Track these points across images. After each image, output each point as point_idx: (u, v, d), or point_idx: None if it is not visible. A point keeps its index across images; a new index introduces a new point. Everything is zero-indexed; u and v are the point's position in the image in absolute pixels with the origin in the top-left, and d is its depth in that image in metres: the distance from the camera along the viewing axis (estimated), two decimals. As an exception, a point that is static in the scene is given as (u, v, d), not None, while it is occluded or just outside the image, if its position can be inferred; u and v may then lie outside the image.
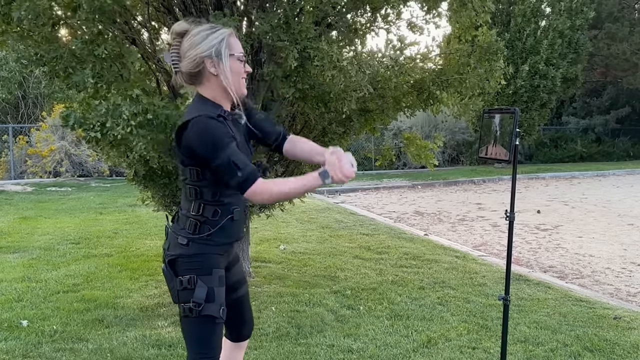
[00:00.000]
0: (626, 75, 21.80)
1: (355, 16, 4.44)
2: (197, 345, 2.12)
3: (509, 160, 2.90)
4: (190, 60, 2.01)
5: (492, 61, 4.58)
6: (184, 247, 2.08)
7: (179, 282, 2.08)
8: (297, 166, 4.91)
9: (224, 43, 2.02)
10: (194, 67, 2.02)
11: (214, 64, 2.01)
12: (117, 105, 3.47)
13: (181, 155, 2.04)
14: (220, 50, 2.01)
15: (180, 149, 2.02)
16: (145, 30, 4.56)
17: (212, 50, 2.00)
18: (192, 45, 2.00)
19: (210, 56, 2.00)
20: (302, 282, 5.10)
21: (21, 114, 16.78)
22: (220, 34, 2.03)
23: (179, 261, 2.09)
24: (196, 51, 2.00)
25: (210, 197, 2.07)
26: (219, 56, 2.00)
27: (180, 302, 2.10)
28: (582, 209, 10.39)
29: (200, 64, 2.01)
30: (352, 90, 4.01)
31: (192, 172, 2.04)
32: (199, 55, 2.00)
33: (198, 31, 2.02)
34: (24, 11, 3.44)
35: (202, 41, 2.00)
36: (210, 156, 1.95)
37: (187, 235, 2.08)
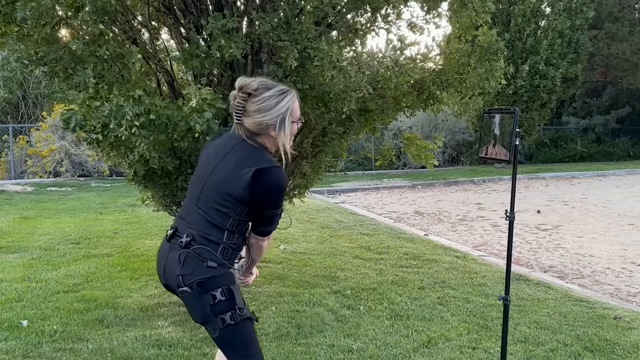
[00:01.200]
0: (626, 75, 21.80)
1: (356, 16, 4.44)
2: (245, 348, 2.21)
3: (509, 160, 2.90)
4: (255, 123, 2.15)
5: (493, 61, 4.58)
6: (215, 270, 2.16)
7: (210, 297, 2.14)
8: (297, 166, 4.92)
9: (288, 111, 2.17)
10: (258, 130, 2.16)
11: (276, 129, 2.16)
12: (120, 106, 3.47)
13: (247, 194, 2.12)
14: (285, 119, 2.16)
15: (254, 189, 2.11)
16: (145, 30, 4.56)
17: (277, 119, 2.15)
18: (260, 111, 2.13)
19: (275, 125, 2.15)
20: (302, 282, 5.10)
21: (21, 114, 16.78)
22: (287, 102, 2.16)
23: (208, 280, 2.15)
24: (263, 118, 2.14)
25: (244, 229, 2.25)
26: (283, 124, 2.16)
27: (216, 315, 2.14)
28: (582, 209, 10.39)
29: (265, 129, 2.16)
30: (352, 90, 4.01)
31: (242, 208, 2.16)
32: (266, 122, 2.14)
33: (268, 97, 2.14)
34: (29, 11, 3.44)
35: (270, 109, 2.14)
36: (274, 207, 2.20)
37: (219, 260, 2.17)
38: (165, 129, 3.61)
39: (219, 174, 2.18)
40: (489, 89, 4.71)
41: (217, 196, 2.16)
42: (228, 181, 2.14)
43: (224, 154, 2.20)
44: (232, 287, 2.18)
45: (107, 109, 3.46)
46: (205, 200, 2.19)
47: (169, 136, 3.67)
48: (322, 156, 4.90)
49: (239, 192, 2.12)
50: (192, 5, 4.28)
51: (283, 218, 2.35)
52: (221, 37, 3.71)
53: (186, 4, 4.29)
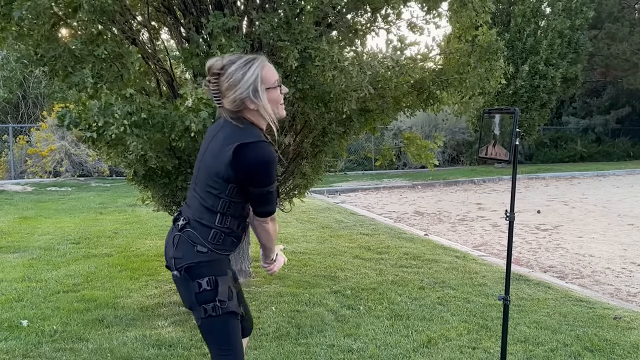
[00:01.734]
0: (626, 75, 21.81)
1: (356, 16, 4.44)
2: (222, 342, 2.19)
3: (509, 160, 2.90)
4: (231, 101, 2.11)
5: (492, 61, 4.58)
6: (204, 255, 2.14)
7: (197, 285, 2.13)
8: (297, 166, 4.91)
9: (258, 79, 2.10)
10: (236, 107, 2.12)
11: (253, 101, 2.10)
12: (109, 104, 3.47)
13: (231, 172, 2.08)
14: (257, 87, 2.09)
15: (235, 166, 2.07)
16: (145, 30, 4.56)
17: (249, 90, 2.09)
18: (230, 87, 2.09)
19: (249, 96, 2.09)
20: (302, 282, 5.10)
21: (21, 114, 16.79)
22: (254, 70, 2.10)
23: (196, 267, 2.14)
24: (235, 94, 2.09)
25: (240, 211, 2.19)
26: (256, 93, 2.10)
27: (200, 304, 2.13)
28: (582, 209, 10.39)
29: (241, 104, 2.11)
30: (352, 90, 4.01)
31: (232, 188, 2.12)
32: (239, 97, 2.09)
33: (233, 70, 2.09)
34: (25, 10, 3.44)
35: (239, 82, 2.08)
36: (261, 184, 2.11)
37: (209, 245, 2.15)
38: (162, 129, 3.61)
39: (208, 156, 2.16)
40: (489, 89, 4.71)
41: (207, 178, 2.15)
42: (215, 161, 2.12)
43: (214, 135, 2.19)
44: (219, 278, 2.14)
45: (96, 107, 3.46)
46: (200, 184, 2.18)
47: (166, 136, 3.66)
48: (322, 156, 4.90)
49: (223, 170, 2.09)
50: (191, 5, 4.28)
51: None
52: (221, 36, 3.71)
53: (186, 4, 4.29)
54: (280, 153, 4.78)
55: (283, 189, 5.13)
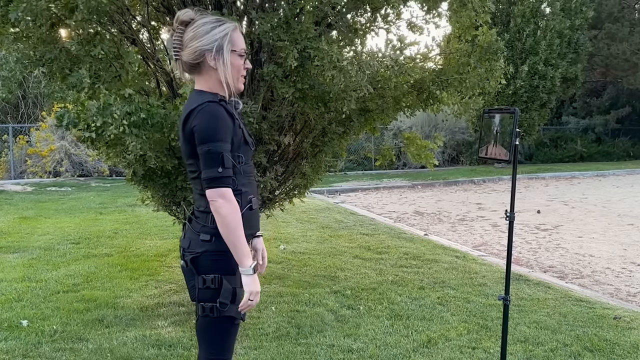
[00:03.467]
0: (626, 75, 21.80)
1: (355, 16, 4.44)
2: (213, 345, 2.10)
3: (509, 160, 2.90)
4: (191, 51, 2.02)
5: (492, 61, 4.58)
6: (207, 244, 2.02)
7: (201, 280, 2.03)
8: (297, 166, 4.91)
9: (226, 38, 2.02)
10: (194, 58, 2.02)
11: (214, 58, 2.01)
12: (108, 104, 3.47)
13: (187, 146, 2.01)
14: (222, 45, 2.01)
15: (185, 137, 2.00)
16: (145, 30, 4.56)
17: (214, 44, 2.01)
18: (195, 37, 2.01)
19: (211, 50, 2.01)
20: (302, 282, 5.10)
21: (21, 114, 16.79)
22: (224, 29, 2.03)
23: (201, 258, 2.03)
24: (198, 43, 2.00)
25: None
26: (220, 51, 2.01)
27: (201, 301, 2.05)
28: (582, 209, 10.38)
29: (200, 56, 2.02)
30: (352, 90, 4.01)
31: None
32: (200, 48, 2.00)
33: (202, 23, 2.02)
34: (21, 12, 3.44)
35: (205, 34, 2.01)
36: (206, 140, 1.94)
37: (210, 231, 2.02)
38: (161, 128, 3.61)
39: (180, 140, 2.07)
40: (488, 89, 4.71)
41: (188, 165, 2.08)
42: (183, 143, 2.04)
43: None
44: (225, 277, 2.01)
45: (95, 107, 3.46)
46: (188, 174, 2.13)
47: (166, 135, 3.66)
48: (322, 156, 4.90)
49: (186, 147, 2.01)
50: (191, 4, 4.28)
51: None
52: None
53: (185, 4, 4.29)
54: (280, 153, 4.78)
55: (283, 189, 5.13)
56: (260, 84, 4.32)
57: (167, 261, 5.78)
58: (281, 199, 5.21)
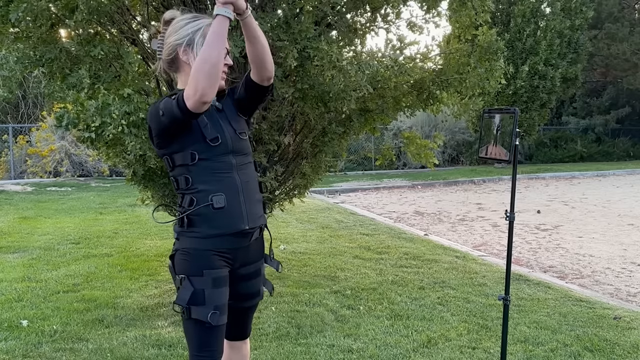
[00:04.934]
0: (626, 75, 21.81)
1: (355, 16, 4.44)
2: (192, 346, 2.05)
3: (509, 160, 2.90)
4: (168, 48, 2.03)
5: (492, 61, 4.58)
6: (177, 242, 2.06)
7: (178, 280, 2.04)
8: (297, 166, 4.91)
9: (199, 33, 2.01)
10: (168, 54, 2.03)
11: (184, 51, 2.01)
12: (106, 104, 3.47)
13: (154, 146, 2.04)
14: (194, 39, 2.01)
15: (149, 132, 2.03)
16: (145, 30, 4.56)
17: (185, 39, 2.00)
18: (171, 33, 2.03)
19: (182, 44, 2.00)
20: (302, 282, 5.10)
21: (21, 114, 16.79)
22: (198, 24, 2.02)
23: (175, 257, 2.06)
24: (171, 39, 2.02)
25: (185, 185, 2.01)
26: (191, 45, 2.00)
27: (175, 301, 2.03)
28: (582, 209, 10.38)
29: (173, 51, 2.02)
30: (351, 90, 4.01)
31: (167, 161, 2.03)
32: (173, 43, 2.01)
33: (179, 19, 2.03)
34: (21, 12, 3.44)
35: (179, 29, 2.01)
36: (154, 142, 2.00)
37: (177, 229, 2.05)
38: None
39: None
40: (488, 89, 4.71)
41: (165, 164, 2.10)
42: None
43: None
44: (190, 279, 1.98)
45: (93, 107, 3.46)
46: None
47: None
48: (322, 156, 4.90)
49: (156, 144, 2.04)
50: (191, 4, 4.28)
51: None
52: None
53: (185, 4, 4.29)
54: (280, 153, 4.78)
55: (283, 189, 5.13)
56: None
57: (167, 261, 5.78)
58: (281, 199, 5.21)
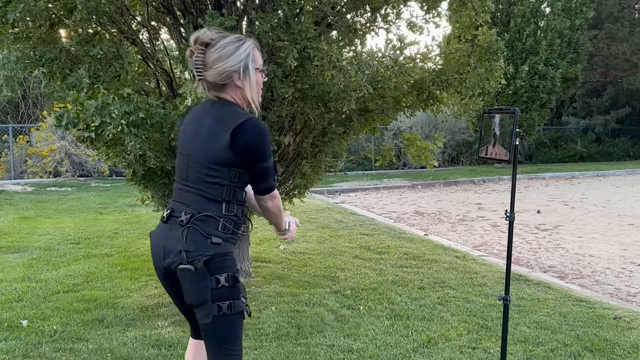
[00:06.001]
0: (626, 75, 21.81)
1: (355, 16, 4.44)
2: (231, 341, 2.13)
3: (509, 160, 2.90)
4: (218, 73, 2.09)
5: (492, 61, 4.58)
6: (218, 247, 2.08)
7: (214, 280, 2.06)
8: (297, 166, 4.91)
9: (250, 57, 2.12)
10: (221, 79, 2.10)
11: (240, 77, 2.11)
12: (106, 104, 3.47)
13: (232, 155, 2.06)
14: (248, 65, 2.11)
15: (235, 148, 2.05)
16: (144, 30, 4.56)
17: (240, 65, 2.10)
18: (221, 59, 2.08)
19: (238, 71, 2.10)
20: (302, 282, 5.10)
21: (21, 114, 16.79)
22: (247, 48, 2.12)
23: (214, 260, 2.07)
24: (225, 65, 2.08)
25: (241, 197, 2.17)
26: (247, 71, 2.11)
27: (215, 301, 2.07)
28: (582, 209, 10.38)
29: (228, 77, 2.10)
30: (351, 90, 4.01)
31: (234, 173, 2.10)
32: (228, 69, 2.08)
33: (225, 44, 2.09)
34: (19, 12, 3.44)
35: (230, 55, 2.09)
36: (264, 158, 2.11)
37: (223, 235, 2.10)
38: (161, 128, 3.61)
39: (200, 145, 2.12)
40: (488, 89, 4.71)
41: (205, 168, 2.10)
42: (211, 149, 2.09)
43: (199, 124, 2.15)
44: (237, 275, 2.11)
45: (93, 106, 3.46)
46: (195, 177, 2.13)
47: (165, 135, 3.66)
48: (322, 156, 4.90)
49: (223, 155, 2.06)
50: (191, 4, 4.28)
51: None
52: (220, 36, 3.71)
53: (185, 4, 4.29)
54: (280, 153, 4.78)
55: (283, 189, 5.12)
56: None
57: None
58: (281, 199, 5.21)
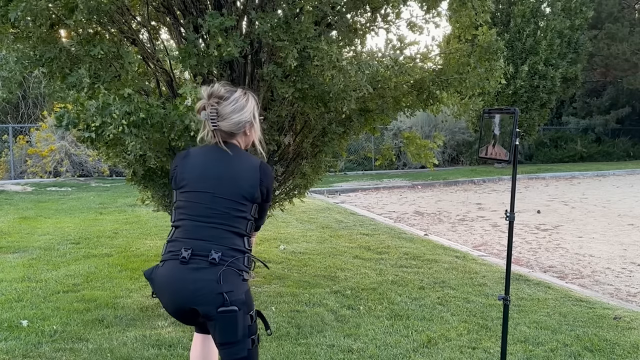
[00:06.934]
0: (626, 75, 21.80)
1: (355, 16, 4.44)
2: None
3: (509, 160, 2.90)
4: (234, 124, 2.27)
5: (492, 61, 4.58)
6: (246, 283, 2.21)
7: (249, 318, 2.19)
8: (297, 166, 4.91)
9: (256, 108, 2.34)
10: (236, 129, 2.28)
11: (250, 127, 2.34)
12: (107, 104, 3.46)
13: (258, 192, 2.26)
14: (255, 114, 2.34)
15: (262, 184, 2.28)
16: (145, 30, 4.56)
17: (250, 115, 2.31)
18: (236, 111, 2.27)
19: (250, 121, 2.31)
20: (302, 282, 5.10)
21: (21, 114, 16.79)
22: (252, 101, 2.33)
23: (246, 297, 2.19)
24: (241, 117, 2.28)
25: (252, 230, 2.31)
26: (255, 119, 2.34)
27: (249, 335, 2.20)
28: (582, 209, 10.38)
29: (241, 127, 2.29)
30: (351, 90, 4.01)
31: (255, 208, 2.27)
32: (243, 120, 2.28)
33: (237, 98, 2.29)
34: (20, 12, 3.44)
35: (244, 108, 2.29)
36: (271, 197, 2.36)
37: (247, 270, 2.22)
38: (161, 128, 3.61)
39: (228, 182, 2.23)
40: (488, 89, 4.71)
41: (233, 204, 2.21)
42: (240, 185, 2.23)
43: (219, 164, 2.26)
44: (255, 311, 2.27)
45: (94, 107, 3.46)
46: (222, 212, 2.19)
47: (166, 135, 3.66)
48: (322, 156, 4.90)
49: (252, 192, 2.23)
50: (191, 4, 4.28)
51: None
52: (219, 35, 3.71)
53: (185, 4, 4.29)
54: (280, 153, 4.78)
55: (283, 189, 5.13)
56: (260, 84, 4.32)
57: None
58: (281, 199, 5.21)
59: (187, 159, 2.32)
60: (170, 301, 2.20)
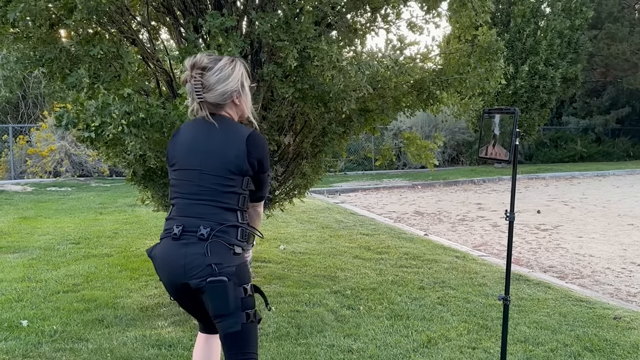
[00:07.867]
0: (626, 75, 21.81)
1: (355, 16, 4.44)
2: (252, 347, 2.22)
3: (509, 160, 2.90)
4: (220, 94, 2.21)
5: (492, 61, 4.58)
6: (239, 257, 2.18)
7: (242, 290, 2.16)
8: (297, 166, 4.91)
9: (244, 76, 2.26)
10: (223, 99, 2.22)
11: (239, 96, 2.26)
12: (106, 104, 3.46)
13: (247, 164, 2.19)
14: (243, 83, 2.26)
15: (250, 155, 2.19)
16: (144, 30, 4.56)
17: (238, 84, 2.24)
18: (221, 80, 2.19)
19: (238, 90, 2.24)
20: (302, 282, 5.10)
21: (21, 114, 16.79)
22: (240, 68, 2.25)
23: (240, 269, 2.16)
24: (226, 87, 2.20)
25: (248, 203, 2.28)
26: (243, 88, 2.26)
27: (244, 309, 2.16)
28: (582, 209, 10.38)
29: (229, 97, 2.23)
30: (351, 90, 4.01)
31: (246, 181, 2.22)
32: (229, 90, 2.21)
33: (222, 66, 2.21)
34: (19, 12, 3.44)
35: (229, 77, 2.21)
36: (267, 168, 2.28)
37: (241, 244, 2.19)
38: (161, 128, 3.61)
39: (214, 157, 2.18)
40: (488, 89, 4.71)
41: (220, 179, 2.17)
42: (226, 159, 2.17)
43: (205, 139, 2.21)
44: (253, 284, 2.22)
45: (93, 106, 3.46)
46: (209, 188, 2.17)
47: (166, 135, 3.66)
48: (322, 156, 4.90)
49: (240, 164, 2.17)
50: (191, 4, 4.28)
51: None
52: (219, 35, 3.71)
53: (185, 4, 4.29)
54: (280, 153, 4.78)
55: (283, 189, 5.12)
56: (260, 84, 4.32)
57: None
58: (281, 199, 5.21)
59: (177, 136, 2.32)
60: (166, 278, 2.23)
